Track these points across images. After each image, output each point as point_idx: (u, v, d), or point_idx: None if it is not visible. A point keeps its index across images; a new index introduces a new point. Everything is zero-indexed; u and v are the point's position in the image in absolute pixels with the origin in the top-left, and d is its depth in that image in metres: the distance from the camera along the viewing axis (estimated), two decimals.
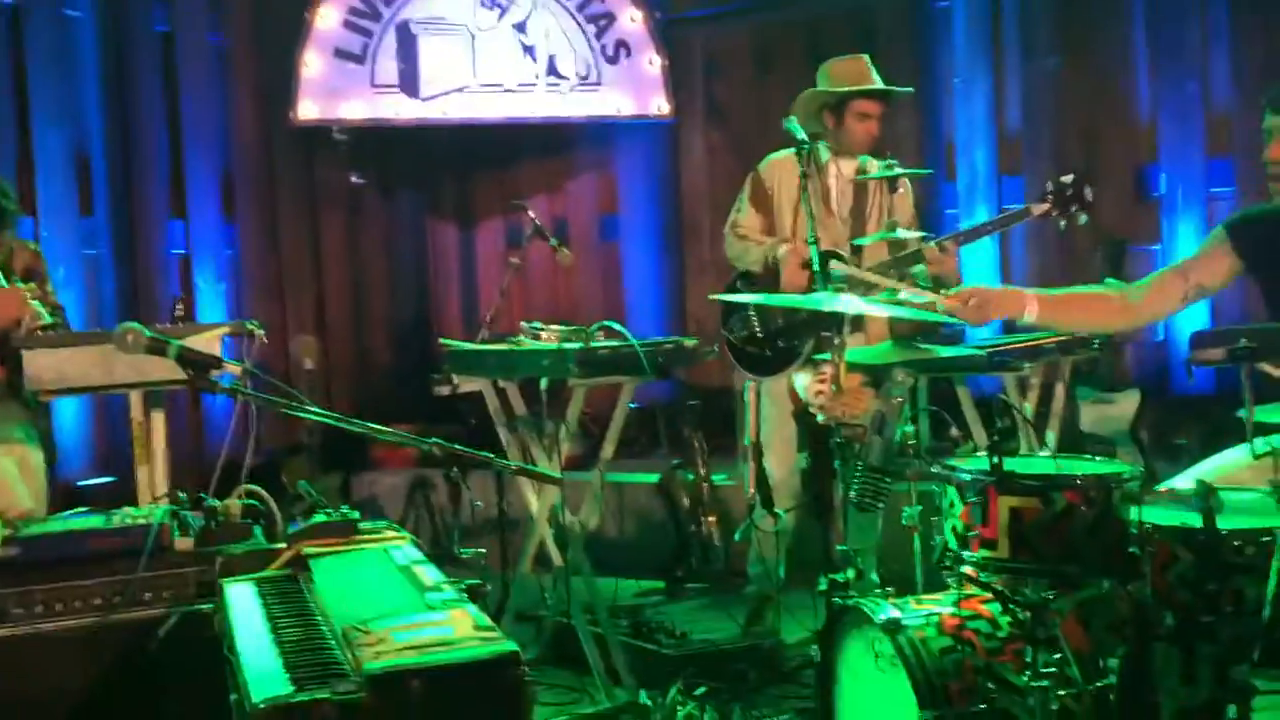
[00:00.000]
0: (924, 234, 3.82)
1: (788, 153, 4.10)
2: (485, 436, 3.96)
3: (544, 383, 3.68)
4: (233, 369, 2.34)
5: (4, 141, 5.42)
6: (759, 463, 3.95)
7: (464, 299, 7.21)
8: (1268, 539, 2.18)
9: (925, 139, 6.36)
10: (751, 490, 3.92)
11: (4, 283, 3.41)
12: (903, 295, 2.99)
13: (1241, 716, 2.24)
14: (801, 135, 3.54)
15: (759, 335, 3.98)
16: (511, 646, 1.74)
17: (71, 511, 2.92)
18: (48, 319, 3.37)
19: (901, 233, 3.70)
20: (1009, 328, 4.11)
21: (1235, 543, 2.22)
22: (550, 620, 3.93)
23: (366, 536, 2.50)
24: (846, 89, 3.96)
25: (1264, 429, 2.20)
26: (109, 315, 5.65)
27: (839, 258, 3.83)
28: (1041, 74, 6.07)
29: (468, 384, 4.28)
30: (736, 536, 4.38)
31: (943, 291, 2.93)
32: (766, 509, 3.95)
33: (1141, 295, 2.93)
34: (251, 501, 2.81)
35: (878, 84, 3.99)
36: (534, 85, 6.53)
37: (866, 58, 4.06)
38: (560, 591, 3.78)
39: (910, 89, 4.03)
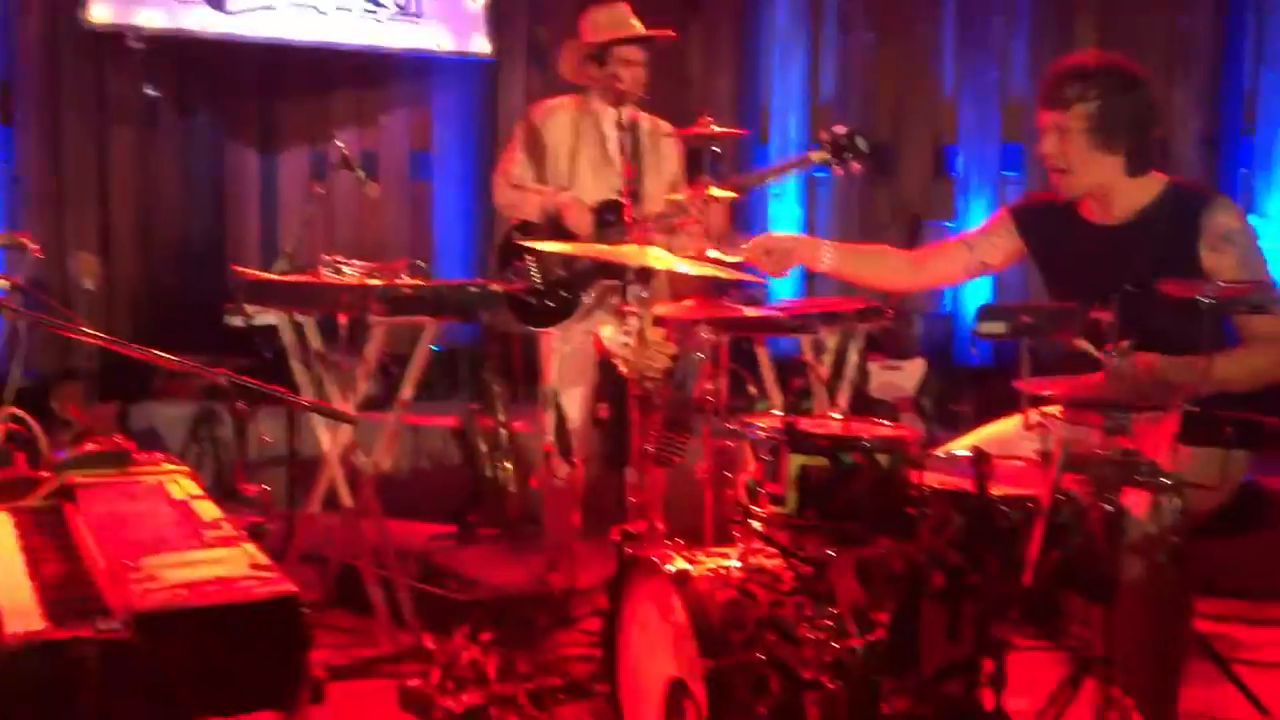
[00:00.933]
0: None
1: (560, 99, 4.10)
2: (280, 372, 3.81)
3: (344, 320, 3.57)
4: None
5: None
6: (558, 411, 3.94)
7: (264, 228, 6.91)
8: (1031, 506, 2.31)
9: (742, 103, 6.45)
10: (549, 438, 3.91)
11: None
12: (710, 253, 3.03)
13: (998, 670, 2.38)
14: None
15: (539, 286, 3.96)
16: (290, 587, 1.67)
17: None
18: None
19: (714, 190, 3.71)
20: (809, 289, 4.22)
21: (1003, 508, 2.35)
22: (336, 562, 3.84)
23: (141, 469, 2.37)
24: (610, 38, 3.95)
25: (1037, 401, 2.32)
26: None
27: (619, 206, 3.86)
28: (855, 48, 6.24)
29: (263, 317, 4.11)
30: (528, 482, 4.37)
31: (743, 245, 3.00)
32: (564, 457, 3.95)
33: (928, 261, 3.08)
34: (14, 425, 2.62)
35: (639, 30, 3.99)
36: (350, 9, 6.28)
37: (625, 3, 4.06)
38: (348, 533, 3.69)
39: (671, 33, 4.04)
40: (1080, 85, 2.62)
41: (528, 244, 3.72)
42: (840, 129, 3.79)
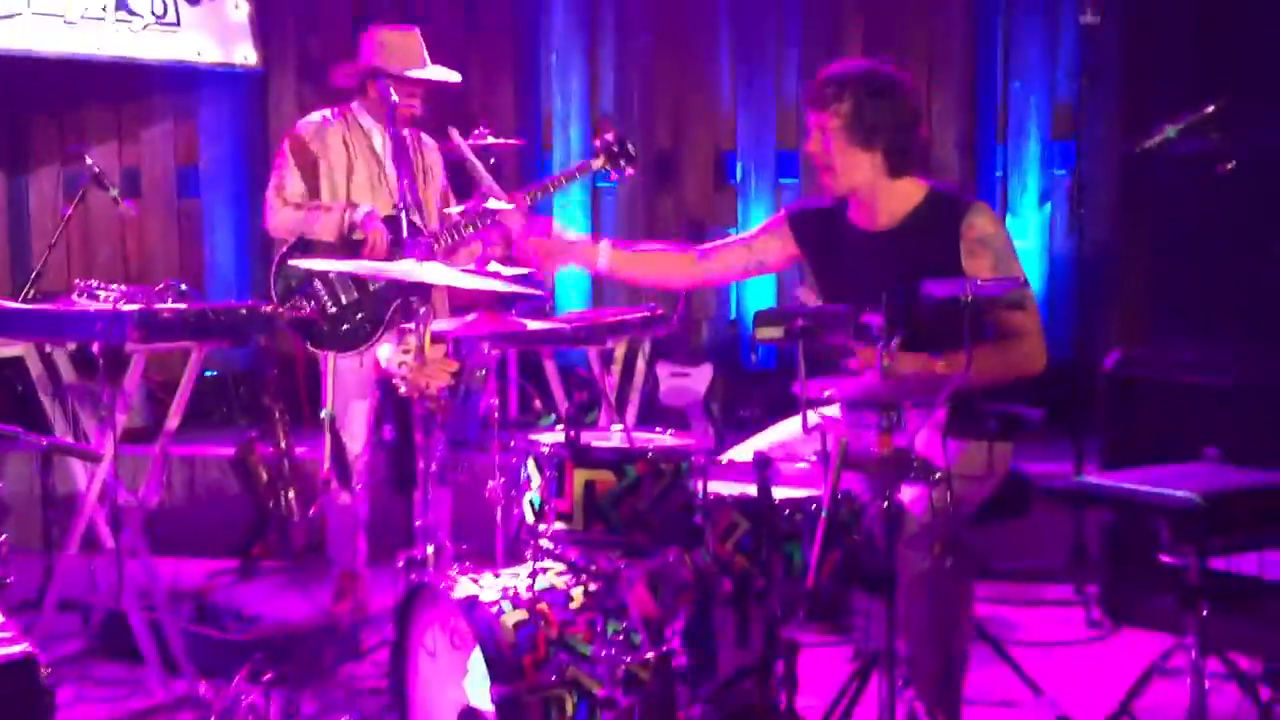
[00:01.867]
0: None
1: (323, 114, 3.98)
2: (30, 405, 3.53)
3: (97, 348, 3.32)
4: None
5: None
6: (335, 435, 3.79)
7: (13, 254, 6.42)
8: (813, 507, 2.35)
9: (524, 113, 6.41)
10: (328, 464, 3.76)
11: None
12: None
13: (789, 671, 2.41)
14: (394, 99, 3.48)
15: (331, 310, 3.81)
16: (24, 648, 1.52)
17: None
18: None
19: (493, 203, 3.65)
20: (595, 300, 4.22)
21: (786, 511, 2.38)
22: (100, 608, 3.57)
23: None
24: (402, 73, 3.85)
25: (816, 403, 2.36)
26: None
27: (399, 221, 3.78)
28: (634, 56, 6.29)
29: (8, 348, 3.80)
30: (311, 512, 4.20)
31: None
32: (343, 483, 3.81)
33: (708, 259, 3.12)
34: None
35: (432, 71, 3.93)
36: (101, 19, 5.90)
37: (418, 33, 3.98)
38: (112, 576, 3.43)
39: (457, 75, 4.02)
40: (837, 88, 2.75)
41: (311, 265, 3.54)
42: (610, 135, 3.93)
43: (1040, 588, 4.30)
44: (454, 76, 4.00)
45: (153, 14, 5.98)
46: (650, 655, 2.41)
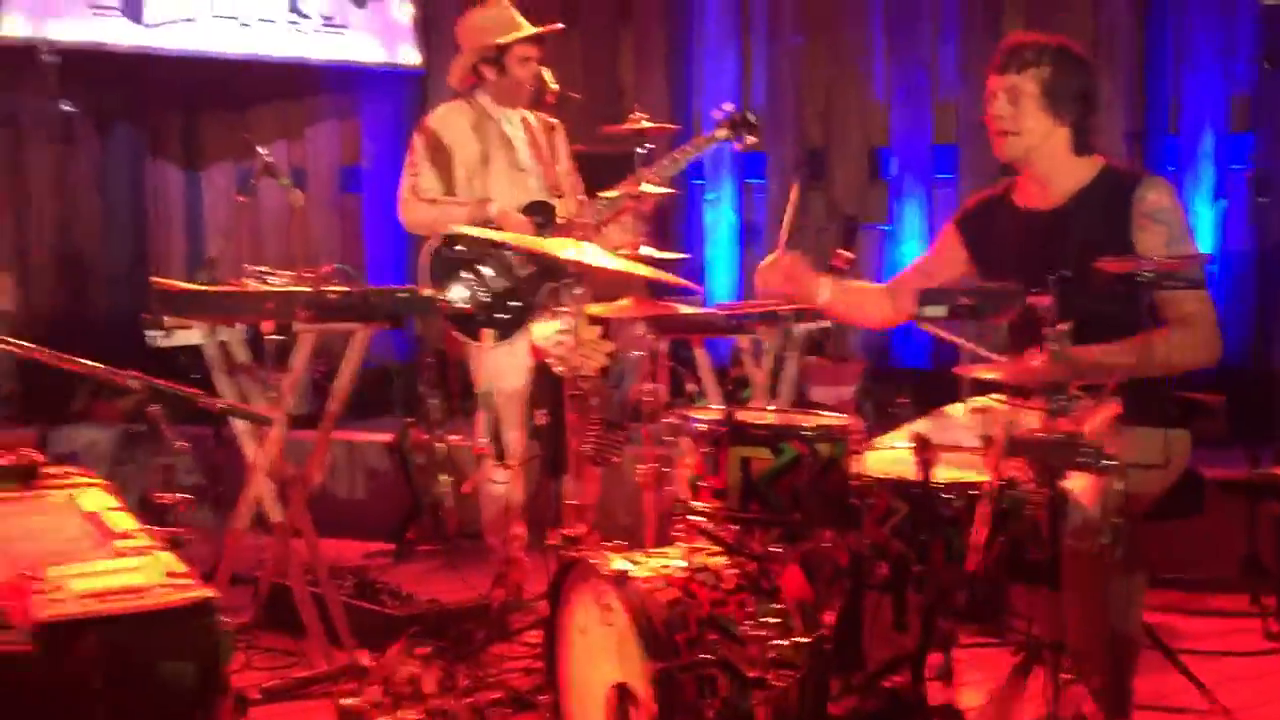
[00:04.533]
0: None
1: (456, 106, 4.03)
2: (206, 390, 3.68)
3: (270, 333, 3.46)
4: None
5: None
6: (492, 414, 3.85)
7: (190, 244, 6.75)
8: (974, 492, 2.28)
9: (675, 107, 6.42)
10: (484, 443, 3.82)
11: None
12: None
13: (945, 664, 2.34)
14: (554, 87, 3.56)
15: (485, 299, 3.86)
16: (205, 592, 1.58)
17: None
18: None
19: (647, 186, 3.65)
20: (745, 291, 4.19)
21: (946, 495, 2.31)
22: (267, 582, 3.71)
23: (51, 482, 2.26)
24: (513, 36, 3.90)
25: (979, 387, 2.29)
26: None
27: (548, 207, 3.82)
28: (785, 52, 6.25)
29: (185, 334, 3.98)
30: (464, 490, 4.27)
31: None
32: (499, 460, 3.86)
33: (896, 294, 3.00)
34: None
35: (530, 28, 3.96)
36: (274, 21, 6.15)
37: (504, 1, 4.02)
38: (279, 551, 3.57)
39: (560, 25, 4.05)
40: (1035, 52, 2.68)
41: (493, 239, 3.59)
42: (729, 106, 4.01)
43: (1210, 598, 4.09)
44: (555, 26, 4.02)
45: (322, 16, 6.21)
46: (804, 639, 2.37)
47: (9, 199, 6.10)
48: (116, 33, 5.87)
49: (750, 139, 3.97)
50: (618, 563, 2.48)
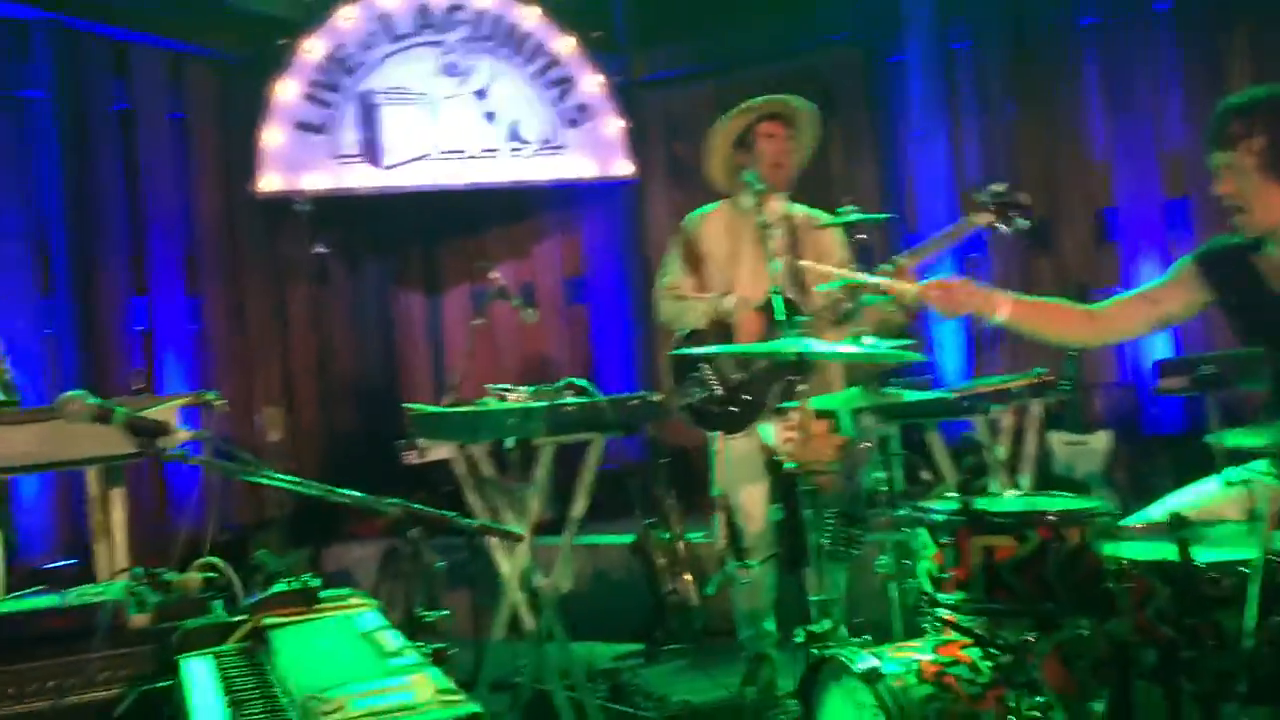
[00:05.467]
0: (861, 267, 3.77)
1: (713, 207, 4.11)
2: (457, 504, 3.88)
3: (510, 443, 3.63)
4: (185, 436, 2.29)
5: None
6: (730, 515, 3.88)
7: (432, 366, 7.17)
8: (1244, 570, 2.15)
9: (886, 191, 6.42)
10: (723, 542, 3.85)
11: None
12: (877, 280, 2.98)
13: None
14: (759, 186, 3.62)
15: (718, 393, 3.92)
16: (475, 708, 1.67)
17: (26, 591, 2.84)
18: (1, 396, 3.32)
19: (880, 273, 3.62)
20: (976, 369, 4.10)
21: (1212, 575, 2.19)
22: (526, 688, 3.83)
23: (328, 605, 2.43)
24: (745, 105, 3.96)
25: (1236, 458, 2.17)
26: None
27: (789, 301, 3.84)
28: (998, 122, 6.16)
29: (435, 451, 4.21)
30: (708, 591, 4.29)
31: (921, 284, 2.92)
32: (740, 561, 3.88)
33: (1107, 313, 2.93)
34: (210, 574, 2.74)
35: (774, 103, 3.99)
36: (496, 151, 6.56)
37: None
38: (535, 658, 3.69)
39: (813, 104, 4.03)
40: (1244, 122, 2.56)
41: (680, 352, 3.71)
42: (998, 186, 3.59)
43: None
44: (795, 101, 4.04)
45: (539, 140, 6.57)
46: None
47: (274, 338, 6.65)
48: (359, 177, 6.38)
49: (1022, 222, 3.56)
50: (867, 658, 2.45)
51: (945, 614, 2.42)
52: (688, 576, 4.78)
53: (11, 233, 5.62)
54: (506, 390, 3.81)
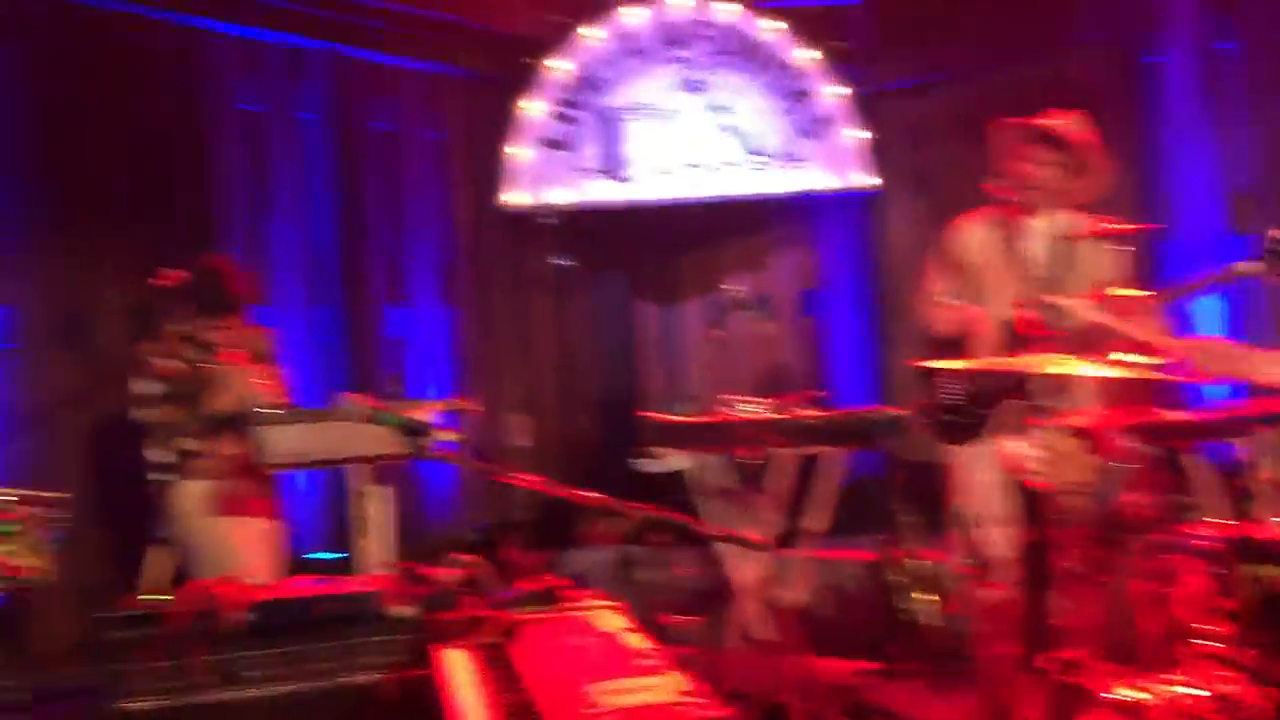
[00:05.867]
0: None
1: (974, 217, 4.02)
2: (691, 514, 3.94)
3: (748, 456, 3.66)
4: (448, 436, 2.42)
5: (244, 235, 5.84)
6: (971, 533, 3.78)
7: (669, 376, 7.28)
8: None
9: (1142, 198, 6.09)
10: (964, 561, 3.75)
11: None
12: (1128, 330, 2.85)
13: None
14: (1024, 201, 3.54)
15: (957, 403, 3.84)
16: (723, 712, 1.71)
17: (299, 579, 3.07)
18: (277, 399, 3.59)
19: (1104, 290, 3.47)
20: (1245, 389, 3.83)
21: None
22: (761, 699, 3.84)
23: (574, 605, 2.53)
24: (1012, 124, 3.84)
25: None
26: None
27: (1052, 307, 3.70)
28: (1265, 126, 5.75)
29: (672, 460, 4.29)
30: (946, 610, 4.19)
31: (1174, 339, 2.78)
32: (981, 580, 3.77)
33: None
34: (465, 570, 2.88)
35: (1047, 122, 3.85)
36: (736, 164, 6.61)
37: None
38: (771, 669, 3.69)
39: (1083, 122, 3.87)
40: None
41: (919, 364, 3.64)
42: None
43: None
44: (1066, 123, 3.90)
45: (778, 152, 6.59)
46: None
47: (519, 347, 6.92)
48: (601, 192, 6.57)
49: None
50: (1126, 691, 2.35)
51: (1210, 645, 2.28)
52: (927, 594, 4.68)
53: (288, 244, 6.06)
54: (744, 401, 3.84)
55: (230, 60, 5.90)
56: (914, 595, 4.70)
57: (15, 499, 3.82)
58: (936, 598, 4.63)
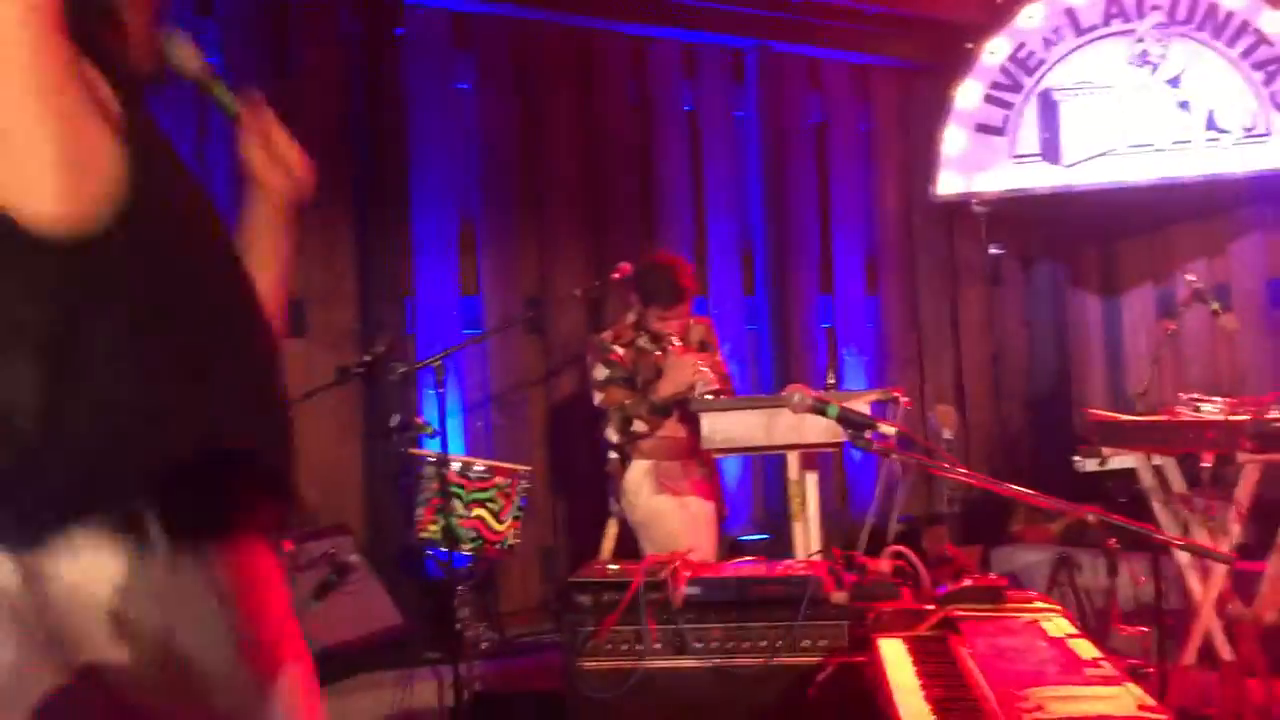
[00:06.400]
0: None
1: None
2: (1138, 517, 3.70)
3: (1208, 459, 3.39)
4: (886, 429, 2.45)
5: (684, 230, 6.16)
6: None
7: (1108, 371, 6.87)
8: None
9: None
10: None
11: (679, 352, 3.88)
12: None
13: None
14: None
15: None
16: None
17: (739, 560, 3.22)
18: (717, 386, 3.77)
19: None
20: None
21: None
22: None
23: (1015, 606, 2.47)
24: None
25: None
26: (765, 385, 6.16)
27: None
28: None
29: (1117, 459, 4.06)
30: None
31: None
32: None
33: None
34: (898, 562, 2.90)
35: None
36: (1189, 142, 6.10)
37: None
38: (1231, 692, 3.41)
39: None
40: None
41: None
42: None
43: None
44: None
45: (1241, 127, 6.00)
46: None
47: (947, 338, 6.80)
48: (1037, 177, 6.29)
49: None
50: None
51: None
52: None
53: (724, 239, 6.32)
54: (1202, 400, 3.57)
55: (675, 65, 6.22)
56: None
57: (488, 470, 4.28)
58: None
